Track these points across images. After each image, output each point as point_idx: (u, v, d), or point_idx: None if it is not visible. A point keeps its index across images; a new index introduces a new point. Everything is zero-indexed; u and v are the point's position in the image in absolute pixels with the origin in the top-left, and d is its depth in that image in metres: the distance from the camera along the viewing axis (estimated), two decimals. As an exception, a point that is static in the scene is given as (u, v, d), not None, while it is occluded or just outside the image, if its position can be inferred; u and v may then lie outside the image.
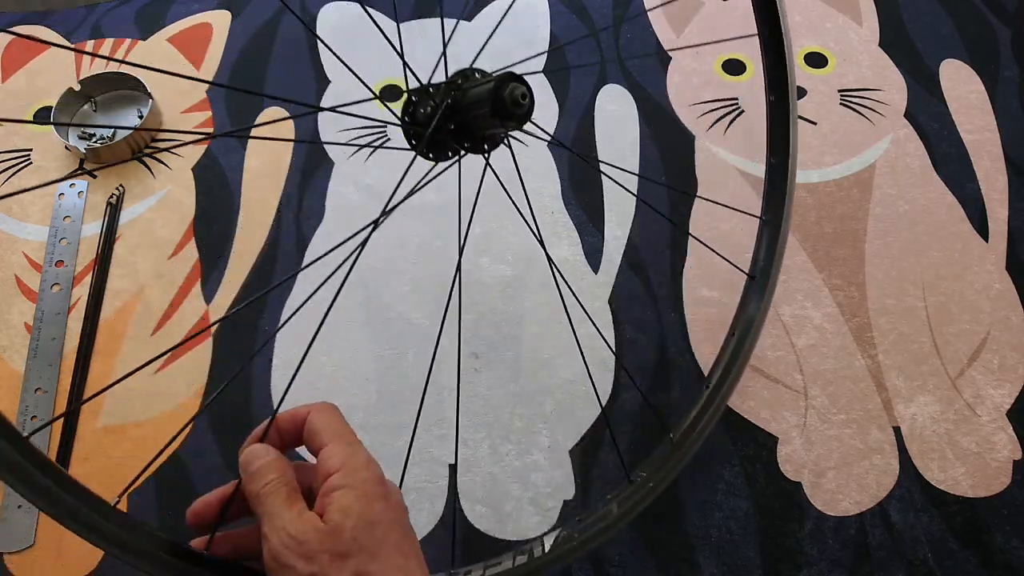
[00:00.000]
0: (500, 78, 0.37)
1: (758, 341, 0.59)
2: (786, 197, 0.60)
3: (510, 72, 0.37)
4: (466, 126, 0.41)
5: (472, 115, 0.40)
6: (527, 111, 0.37)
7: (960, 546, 0.58)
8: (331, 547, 0.33)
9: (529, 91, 0.38)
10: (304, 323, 0.67)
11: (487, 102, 0.38)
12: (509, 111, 0.37)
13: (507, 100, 0.37)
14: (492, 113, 0.38)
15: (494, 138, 0.44)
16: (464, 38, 0.84)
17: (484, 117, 0.39)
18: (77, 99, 0.78)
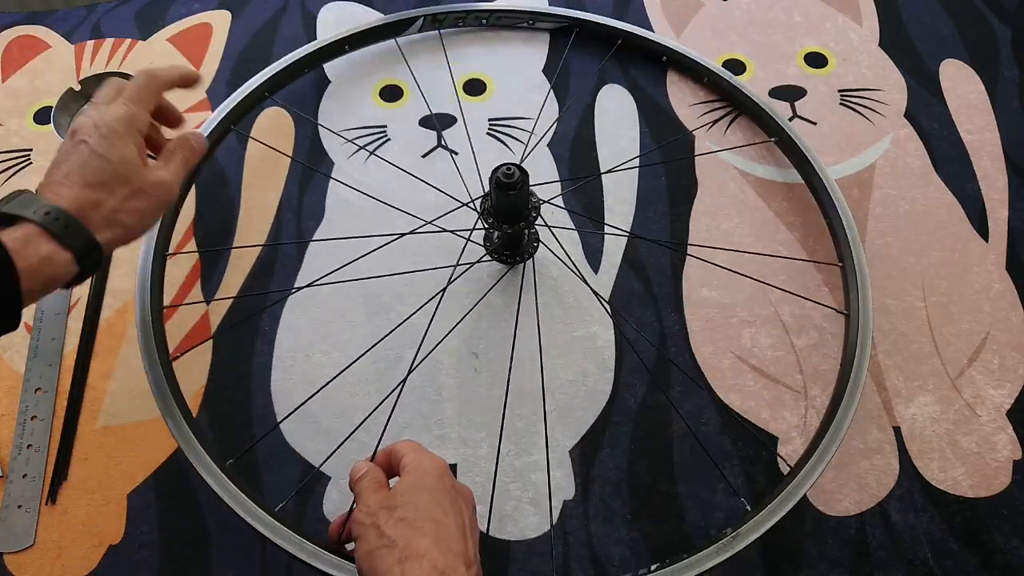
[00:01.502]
0: (494, 171, 0.56)
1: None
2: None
3: (504, 163, 0.56)
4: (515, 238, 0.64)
5: (503, 214, 0.59)
6: (516, 177, 0.55)
7: (960, 546, 0.58)
8: (385, 503, 0.44)
9: (515, 166, 0.55)
10: (304, 323, 0.67)
11: (494, 185, 0.56)
12: (504, 183, 0.55)
13: (503, 177, 0.55)
14: (497, 187, 0.56)
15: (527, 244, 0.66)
16: (464, 38, 0.84)
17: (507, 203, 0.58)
18: (77, 99, 0.78)
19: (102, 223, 0.45)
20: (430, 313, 0.66)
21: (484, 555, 0.57)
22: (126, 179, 0.47)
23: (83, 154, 0.46)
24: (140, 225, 0.48)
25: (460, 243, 0.68)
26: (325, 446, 0.61)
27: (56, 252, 0.43)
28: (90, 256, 0.45)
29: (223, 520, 0.58)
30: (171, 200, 0.50)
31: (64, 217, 0.43)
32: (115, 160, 0.47)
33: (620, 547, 0.58)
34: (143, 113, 0.50)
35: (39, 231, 0.43)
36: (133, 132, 0.48)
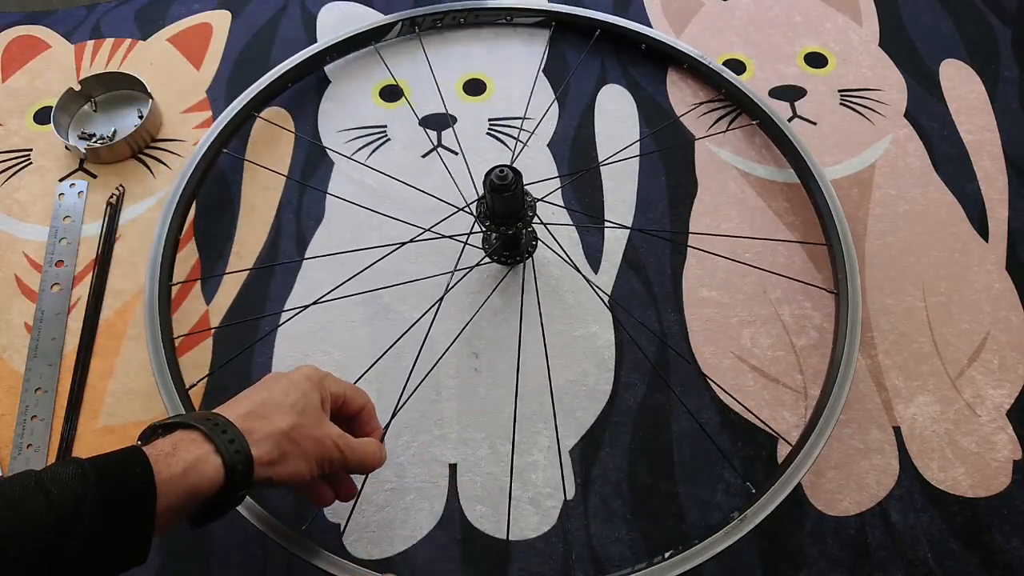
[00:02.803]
0: (488, 173, 0.56)
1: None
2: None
3: (497, 165, 0.56)
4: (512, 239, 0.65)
5: (499, 216, 0.60)
6: (509, 179, 0.55)
7: (960, 546, 0.58)
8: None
9: (508, 167, 0.55)
10: (304, 323, 0.67)
11: (488, 187, 0.56)
12: (498, 186, 0.55)
13: (496, 180, 0.55)
14: (492, 190, 0.56)
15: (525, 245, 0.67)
16: (464, 39, 0.84)
17: (502, 205, 0.58)
18: (77, 99, 0.78)
19: (263, 438, 0.43)
20: (431, 316, 0.66)
21: (484, 555, 0.57)
22: (304, 412, 0.45)
23: (271, 382, 0.47)
24: (296, 462, 0.44)
25: (460, 245, 0.68)
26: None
27: (206, 456, 0.40)
28: (241, 470, 0.41)
29: (223, 520, 0.58)
30: (331, 464, 0.47)
31: (225, 424, 0.42)
32: (301, 392, 0.46)
33: (620, 547, 0.58)
34: (331, 384, 0.49)
35: (196, 436, 0.41)
36: (320, 387, 0.48)
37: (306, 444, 0.45)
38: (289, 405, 0.45)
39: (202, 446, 0.41)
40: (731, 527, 0.53)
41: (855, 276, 0.65)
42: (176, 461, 0.39)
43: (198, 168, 0.69)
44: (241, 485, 0.42)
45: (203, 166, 0.69)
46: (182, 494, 0.39)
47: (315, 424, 0.46)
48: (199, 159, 0.69)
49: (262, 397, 0.45)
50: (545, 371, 0.64)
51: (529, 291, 0.68)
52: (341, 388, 0.50)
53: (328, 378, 0.50)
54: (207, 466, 0.40)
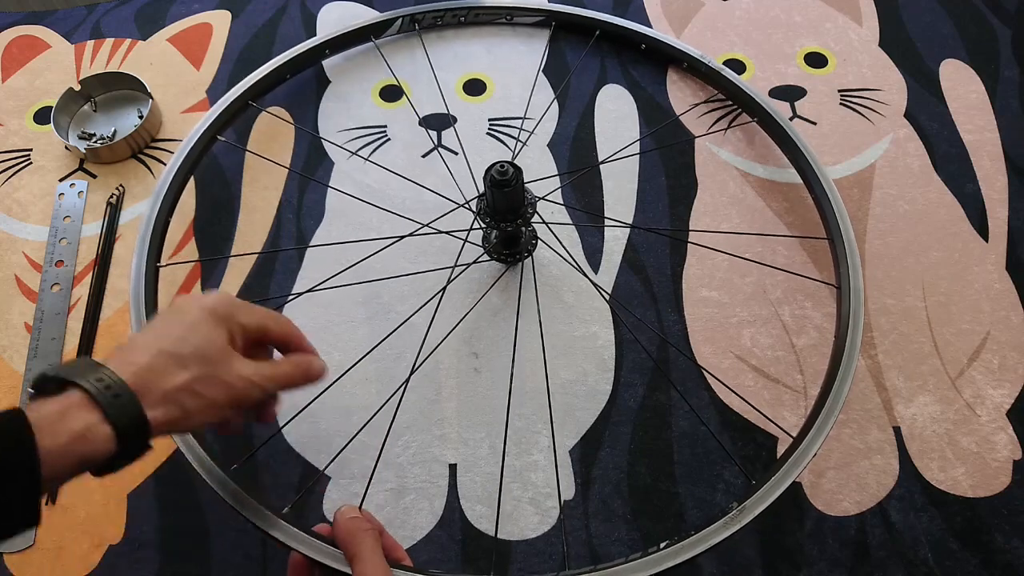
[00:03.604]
0: (488, 169, 0.56)
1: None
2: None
3: (497, 161, 0.56)
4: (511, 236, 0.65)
5: (499, 212, 0.60)
6: (509, 174, 0.55)
7: (960, 546, 0.58)
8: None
9: (508, 163, 0.55)
10: (304, 322, 0.67)
11: (488, 183, 0.56)
12: (498, 181, 0.55)
13: (496, 175, 0.55)
14: (492, 185, 0.56)
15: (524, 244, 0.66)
16: (464, 39, 0.84)
17: (502, 200, 0.58)
18: (77, 99, 0.78)
19: (159, 399, 0.40)
20: (430, 313, 0.66)
21: (484, 555, 0.57)
22: (206, 359, 0.42)
23: (171, 323, 0.43)
24: (201, 414, 0.42)
25: (460, 243, 0.68)
26: (325, 446, 0.61)
27: (94, 425, 0.37)
28: (136, 435, 0.39)
29: (223, 520, 0.58)
30: (247, 404, 0.44)
31: (118, 386, 0.38)
32: (202, 335, 0.42)
33: (620, 547, 0.58)
34: (240, 316, 0.45)
35: (85, 400, 0.37)
36: (229, 321, 0.44)
37: (211, 392, 0.42)
38: (189, 354, 0.41)
39: (91, 413, 0.37)
40: (729, 518, 0.52)
41: (857, 269, 0.64)
42: (62, 429, 0.36)
43: (192, 152, 0.68)
44: (137, 448, 0.39)
45: (197, 150, 0.68)
46: (70, 463, 0.36)
47: (221, 368, 0.42)
48: (193, 143, 0.68)
49: (158, 347, 0.41)
50: (541, 371, 0.64)
51: (529, 291, 0.68)
52: (256, 319, 0.46)
53: (241, 310, 0.45)
54: (96, 435, 0.37)
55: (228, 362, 0.43)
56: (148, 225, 0.64)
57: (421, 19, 0.82)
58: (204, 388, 0.42)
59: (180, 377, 0.41)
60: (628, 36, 0.81)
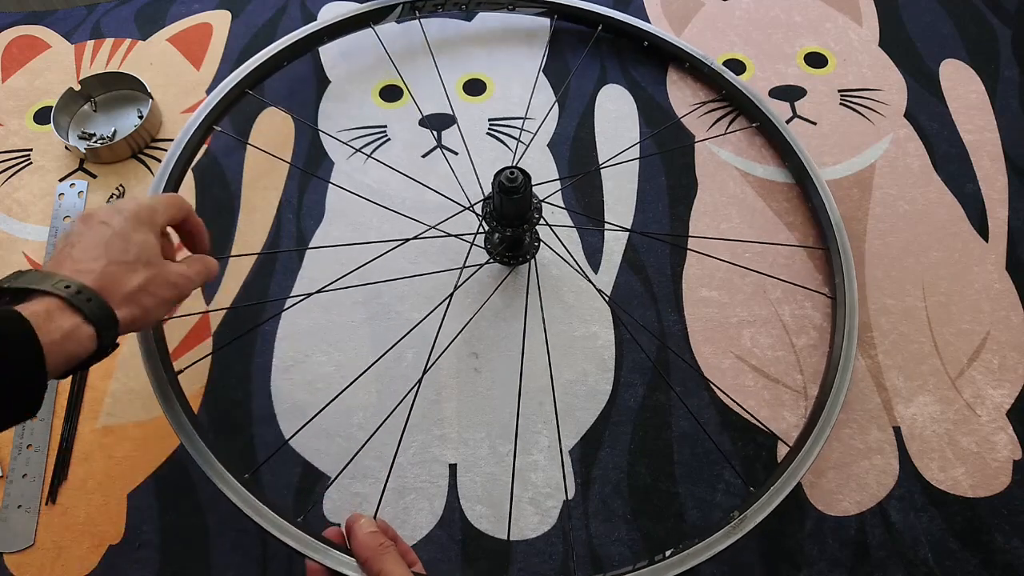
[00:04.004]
0: (497, 174, 0.56)
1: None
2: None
3: (506, 167, 0.56)
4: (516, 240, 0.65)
5: (507, 217, 0.60)
6: (519, 181, 0.55)
7: (960, 546, 0.58)
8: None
9: (518, 169, 0.56)
10: (304, 324, 0.67)
11: (497, 188, 0.56)
12: (508, 187, 0.55)
13: (506, 181, 0.55)
14: (501, 191, 0.56)
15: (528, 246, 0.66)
16: (464, 39, 0.84)
17: (510, 206, 0.58)
18: (77, 99, 0.78)
19: (122, 300, 0.44)
20: (435, 317, 0.66)
21: (484, 555, 0.57)
22: (148, 262, 0.46)
23: (103, 234, 0.46)
24: (156, 310, 0.47)
25: (460, 243, 0.68)
26: (325, 446, 0.61)
27: (79, 326, 0.41)
28: (109, 332, 0.43)
29: (223, 519, 0.58)
30: (185, 296, 0.50)
31: (86, 291, 0.42)
32: (138, 242, 0.46)
33: (620, 547, 0.58)
34: (160, 216, 0.50)
35: (61, 304, 0.41)
36: (153, 224, 0.48)
37: (161, 291, 0.47)
38: (133, 260, 0.46)
39: (73, 315, 0.41)
40: (731, 527, 0.53)
41: (852, 281, 0.65)
42: (54, 328, 0.40)
43: (190, 142, 0.67)
44: (109, 346, 0.43)
45: (195, 141, 0.67)
46: (61, 360, 0.40)
47: (163, 269, 0.47)
48: (192, 132, 0.67)
49: (107, 257, 0.45)
50: (546, 371, 0.64)
51: (530, 291, 0.68)
52: (168, 215, 0.51)
53: (156, 211, 0.49)
54: (81, 334, 0.41)
55: (165, 263, 0.48)
56: None
57: (422, 6, 0.80)
58: (156, 288, 0.47)
59: (135, 280, 0.45)
60: (631, 32, 0.81)
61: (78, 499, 0.59)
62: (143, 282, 0.46)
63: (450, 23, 0.85)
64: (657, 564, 0.52)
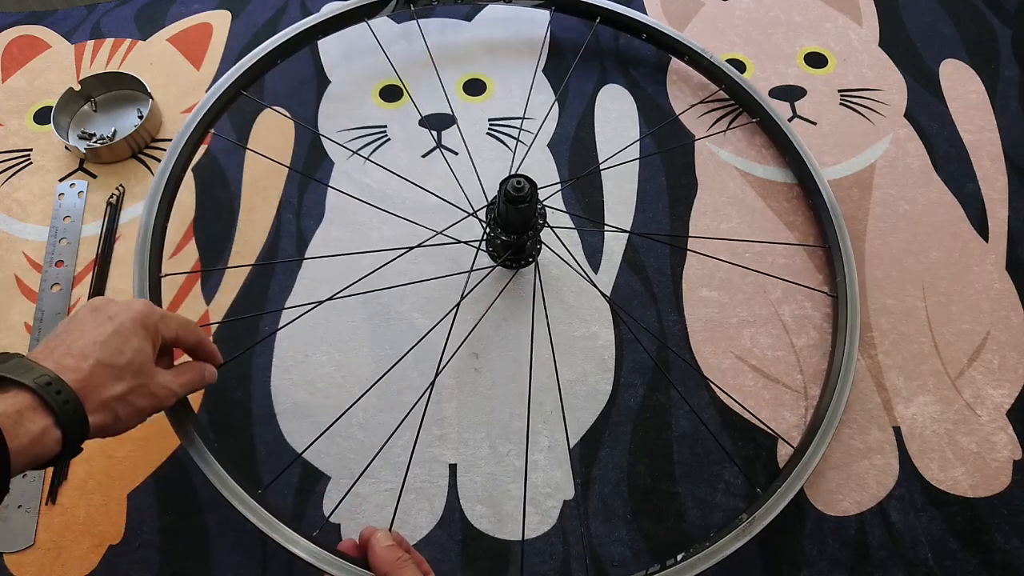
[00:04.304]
0: (503, 183, 0.56)
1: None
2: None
3: (512, 175, 0.56)
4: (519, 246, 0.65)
5: (512, 225, 0.60)
6: (525, 190, 0.55)
7: (960, 546, 0.58)
8: None
9: (525, 179, 0.55)
10: (304, 324, 0.67)
11: (502, 197, 0.56)
12: (514, 197, 0.55)
13: (512, 190, 0.55)
14: (507, 200, 0.56)
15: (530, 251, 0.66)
16: (464, 39, 0.84)
17: (516, 215, 0.58)
18: (77, 99, 0.78)
19: (98, 406, 0.43)
20: (434, 317, 0.66)
21: (484, 555, 0.57)
22: (138, 371, 0.46)
23: (104, 331, 0.45)
24: (130, 421, 0.46)
25: (460, 245, 0.68)
26: (325, 446, 0.61)
27: (48, 429, 0.40)
28: (76, 439, 0.42)
29: (223, 520, 0.58)
30: (165, 407, 0.49)
31: (66, 392, 0.41)
32: (134, 347, 0.46)
33: (620, 547, 0.58)
34: (168, 332, 0.50)
35: (35, 402, 0.40)
36: (156, 334, 0.48)
37: (141, 402, 0.46)
38: (123, 366, 0.45)
39: (45, 418, 0.40)
40: (741, 529, 0.54)
41: (853, 279, 0.65)
42: (23, 432, 0.39)
43: (186, 147, 0.66)
44: (73, 451, 0.43)
45: (191, 145, 0.66)
46: (25, 461, 0.40)
47: (149, 380, 0.47)
48: (187, 137, 0.66)
49: (96, 357, 0.44)
50: (544, 371, 0.64)
51: (531, 292, 0.68)
52: (172, 331, 0.50)
53: (161, 322, 0.49)
54: (49, 438, 0.40)
55: (154, 374, 0.47)
56: (146, 234, 0.61)
57: (416, 0, 0.79)
58: (136, 398, 0.46)
59: (117, 388, 0.44)
60: (629, 24, 0.80)
61: (78, 499, 0.59)
62: (124, 391, 0.45)
63: (450, 23, 0.85)
64: (669, 568, 0.52)
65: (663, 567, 0.53)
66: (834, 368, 0.62)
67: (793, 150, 0.72)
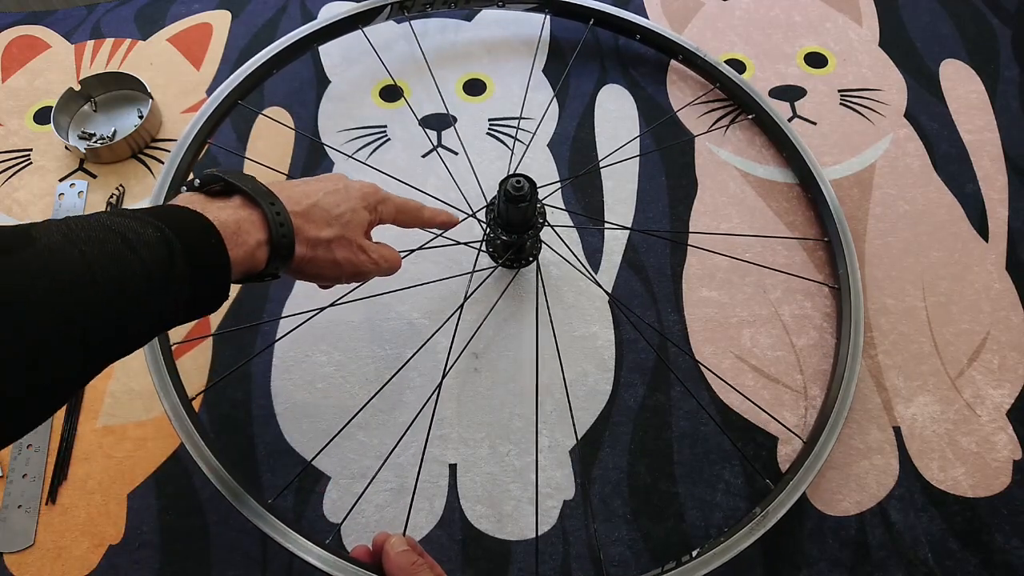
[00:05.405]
0: (502, 182, 0.56)
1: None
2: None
3: (512, 175, 0.56)
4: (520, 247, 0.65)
5: (512, 224, 0.60)
6: (525, 190, 0.55)
7: (960, 546, 0.58)
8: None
9: (525, 178, 0.56)
10: (304, 325, 0.67)
11: (502, 197, 0.57)
12: (514, 196, 0.55)
13: (512, 190, 0.55)
14: (507, 200, 0.56)
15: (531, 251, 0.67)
16: (464, 39, 0.84)
17: (516, 214, 0.58)
18: (77, 99, 0.78)
19: (304, 240, 0.45)
20: (434, 318, 0.66)
21: (484, 555, 0.57)
22: (347, 225, 0.48)
23: (330, 187, 0.48)
24: (326, 269, 0.48)
25: (460, 246, 0.68)
26: (324, 446, 0.61)
27: (261, 245, 0.42)
28: (282, 263, 0.44)
29: (223, 520, 0.58)
30: (358, 278, 0.52)
31: (284, 215, 0.44)
32: (351, 208, 0.48)
33: (620, 547, 0.58)
34: (386, 214, 0.52)
35: (255, 216, 0.42)
36: (373, 209, 0.51)
37: (341, 253, 0.48)
38: (336, 216, 0.47)
39: (261, 231, 0.42)
40: (755, 523, 0.54)
41: (855, 270, 0.66)
42: (241, 242, 0.41)
43: (184, 158, 0.66)
44: (274, 275, 0.45)
45: (189, 157, 0.66)
46: (238, 272, 0.42)
47: (354, 238, 0.49)
48: (185, 149, 0.66)
49: (316, 199, 0.47)
50: (544, 371, 0.64)
51: (531, 292, 0.68)
52: (391, 214, 0.53)
53: (383, 203, 0.52)
54: (261, 252, 0.42)
55: (359, 235, 0.50)
56: None
57: (410, 6, 0.79)
58: (337, 248, 0.48)
59: (325, 232, 0.47)
60: (622, 25, 0.80)
61: (78, 499, 0.59)
62: (330, 236, 0.47)
63: (450, 23, 0.85)
64: (685, 565, 0.52)
65: (679, 563, 0.53)
66: (840, 359, 0.62)
67: (791, 146, 0.72)
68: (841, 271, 0.66)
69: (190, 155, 0.67)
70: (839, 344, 0.64)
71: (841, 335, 0.64)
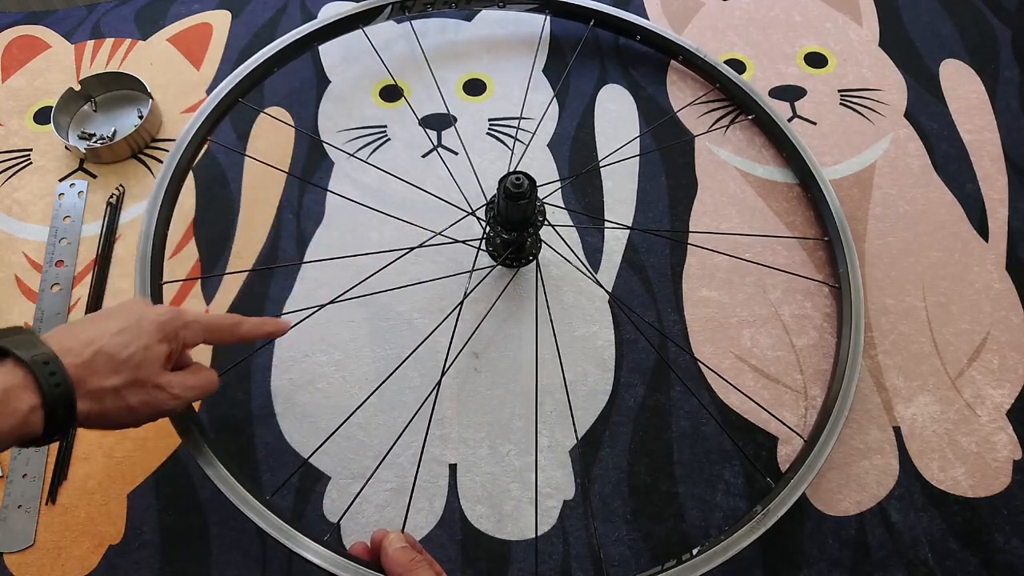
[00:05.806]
0: (502, 180, 0.56)
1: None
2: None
3: (511, 172, 0.56)
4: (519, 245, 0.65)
5: (512, 222, 0.60)
6: (525, 187, 0.55)
7: (960, 546, 0.58)
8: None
9: (524, 175, 0.56)
10: (304, 324, 0.67)
11: (502, 194, 0.56)
12: (513, 193, 0.55)
13: (511, 187, 0.55)
14: (507, 197, 0.56)
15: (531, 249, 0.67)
16: (464, 39, 0.84)
17: (516, 211, 0.58)
18: (77, 99, 0.78)
19: (87, 394, 0.43)
20: (434, 317, 0.66)
21: (484, 555, 0.57)
22: (139, 366, 0.45)
23: (119, 325, 0.45)
24: (121, 417, 0.45)
25: (459, 245, 0.68)
26: (325, 446, 0.61)
27: (35, 409, 0.40)
28: (62, 423, 0.42)
29: (223, 520, 0.58)
30: (162, 414, 0.49)
31: (60, 374, 0.41)
32: (142, 346, 0.45)
33: (620, 547, 0.58)
34: (190, 337, 0.49)
35: (26, 380, 0.40)
36: (173, 339, 0.48)
37: (133, 400, 0.45)
38: (124, 360, 0.44)
39: (33, 397, 0.40)
40: (756, 521, 0.54)
41: (855, 270, 0.66)
42: (8, 411, 0.39)
43: (183, 157, 0.65)
44: (53, 436, 0.42)
45: (188, 155, 0.66)
46: (10, 440, 0.40)
47: (148, 381, 0.46)
48: (184, 147, 0.66)
49: (100, 346, 0.44)
50: (544, 371, 0.64)
51: (531, 292, 0.68)
52: (197, 338, 0.50)
53: (189, 327, 0.49)
54: (34, 418, 0.40)
55: (156, 375, 0.46)
56: (146, 251, 0.61)
57: (411, 5, 0.79)
58: (128, 394, 0.45)
59: (112, 379, 0.44)
60: (622, 26, 0.80)
61: (78, 499, 0.59)
62: (118, 384, 0.44)
63: (450, 23, 0.86)
64: (685, 563, 0.52)
65: (679, 562, 0.53)
66: (840, 359, 0.62)
67: (791, 146, 0.72)
68: (841, 271, 0.66)
69: (190, 152, 0.66)
70: (839, 344, 0.64)
71: (841, 335, 0.64)
